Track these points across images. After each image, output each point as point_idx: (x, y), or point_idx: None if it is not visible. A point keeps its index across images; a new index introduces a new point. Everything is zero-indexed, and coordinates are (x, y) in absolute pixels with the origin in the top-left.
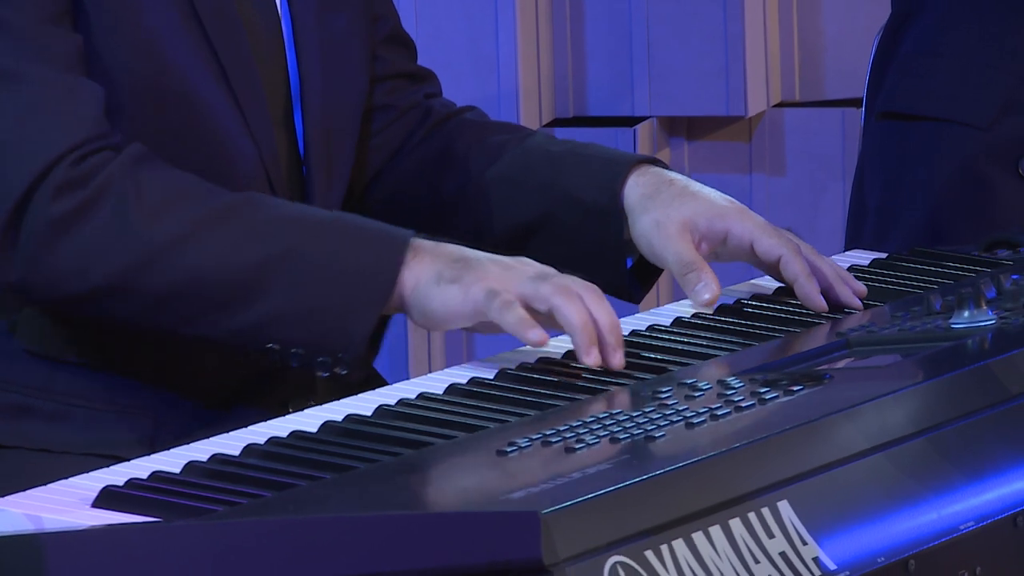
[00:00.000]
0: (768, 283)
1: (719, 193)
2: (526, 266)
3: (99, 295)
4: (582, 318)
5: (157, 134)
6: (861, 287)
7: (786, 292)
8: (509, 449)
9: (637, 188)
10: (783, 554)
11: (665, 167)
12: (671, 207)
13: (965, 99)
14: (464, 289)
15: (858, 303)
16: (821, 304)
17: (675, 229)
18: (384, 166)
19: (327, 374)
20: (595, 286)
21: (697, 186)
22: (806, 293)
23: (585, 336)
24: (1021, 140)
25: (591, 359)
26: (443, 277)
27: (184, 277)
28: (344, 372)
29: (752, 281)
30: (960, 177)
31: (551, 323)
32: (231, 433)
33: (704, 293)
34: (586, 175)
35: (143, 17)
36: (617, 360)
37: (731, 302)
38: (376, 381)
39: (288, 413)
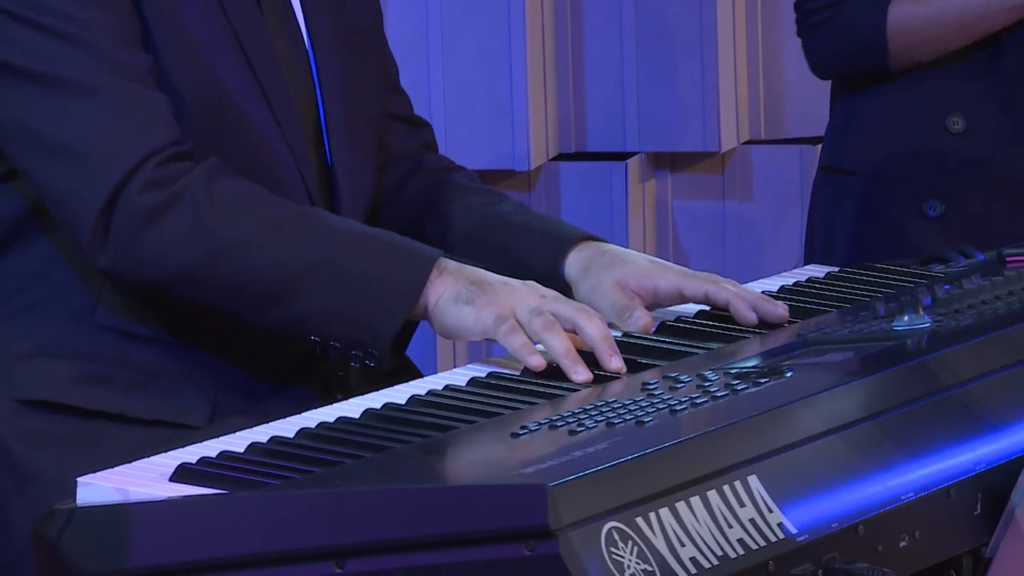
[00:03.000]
0: None
1: (645, 256)
2: (530, 293)
3: (173, 282)
4: (563, 347)
5: (210, 145)
6: (781, 305)
7: None
8: (521, 432)
9: (576, 263)
10: (752, 520)
11: (602, 241)
12: (604, 272)
13: (880, 155)
14: (477, 311)
15: (783, 313)
16: (752, 318)
17: (608, 287)
18: (383, 206)
19: (357, 365)
20: (587, 307)
21: (626, 253)
22: (738, 311)
23: (568, 361)
24: (925, 185)
25: (579, 377)
26: (460, 297)
27: (244, 273)
28: (372, 364)
29: None
30: (878, 223)
31: None
32: (287, 419)
33: (639, 322)
34: (534, 248)
35: (198, 47)
36: (614, 364)
37: (708, 309)
38: (412, 372)
39: (332, 397)
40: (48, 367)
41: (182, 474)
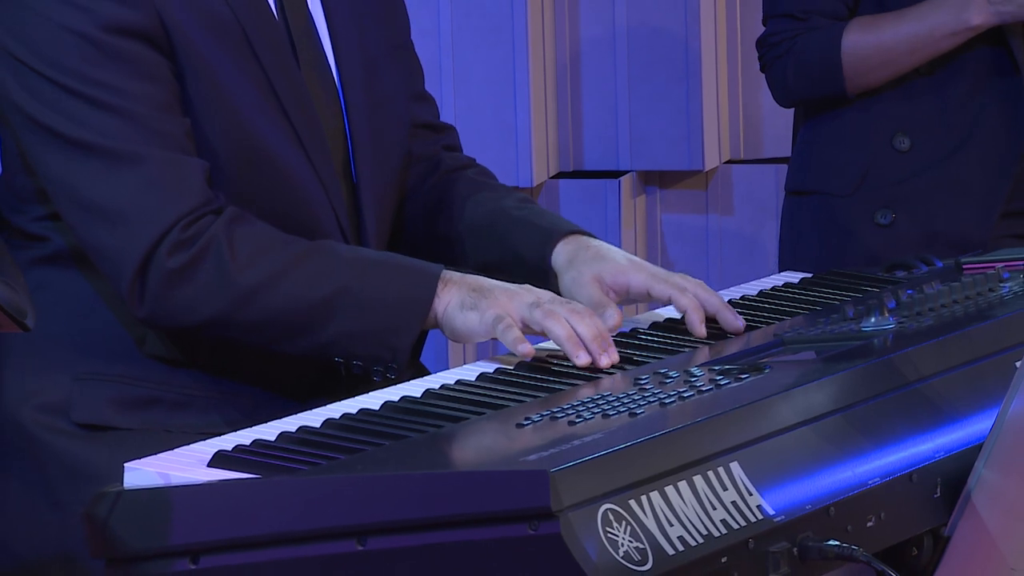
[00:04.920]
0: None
1: (624, 254)
2: (527, 293)
3: (206, 327)
4: (565, 331)
5: (248, 189)
6: (740, 319)
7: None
8: (525, 422)
9: (562, 255)
10: (734, 503)
11: (589, 236)
12: (585, 267)
13: (835, 174)
14: (480, 315)
15: (739, 326)
16: (702, 332)
17: (587, 281)
18: (402, 205)
19: (379, 379)
20: (582, 306)
21: (608, 249)
22: (690, 322)
23: (570, 344)
24: (875, 198)
25: (581, 360)
26: (465, 304)
27: (269, 312)
28: (393, 376)
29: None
30: (836, 233)
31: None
32: (314, 410)
33: (610, 320)
34: (528, 239)
35: (232, 99)
36: (604, 361)
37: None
38: (423, 373)
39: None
40: (98, 391)
41: (219, 460)
